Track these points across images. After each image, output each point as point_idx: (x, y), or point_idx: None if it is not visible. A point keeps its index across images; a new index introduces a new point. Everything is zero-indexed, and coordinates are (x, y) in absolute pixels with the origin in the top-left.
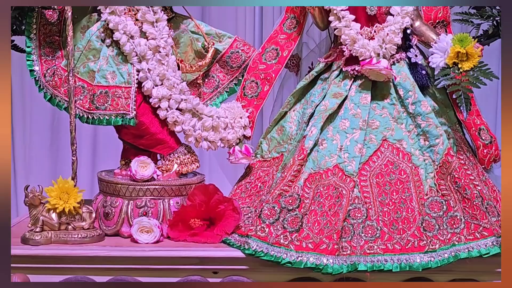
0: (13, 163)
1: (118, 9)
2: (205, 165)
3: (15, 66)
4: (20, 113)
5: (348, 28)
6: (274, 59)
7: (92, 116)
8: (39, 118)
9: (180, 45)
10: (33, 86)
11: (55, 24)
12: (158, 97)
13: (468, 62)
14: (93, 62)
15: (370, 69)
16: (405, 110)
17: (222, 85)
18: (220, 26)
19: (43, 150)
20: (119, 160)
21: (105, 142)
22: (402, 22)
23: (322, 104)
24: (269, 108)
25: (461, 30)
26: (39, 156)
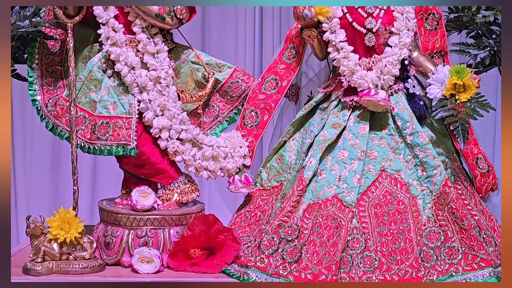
0: (14, 189)
1: (119, 41)
2: (205, 194)
3: (16, 93)
4: (21, 140)
5: (346, 59)
6: (274, 89)
7: (93, 146)
8: (39, 144)
9: (180, 75)
10: (34, 114)
11: (57, 54)
12: (159, 128)
13: (465, 94)
14: (94, 92)
15: (368, 100)
16: (403, 141)
17: (222, 115)
18: (220, 54)
19: (44, 176)
20: (120, 189)
21: (105, 168)
22: (400, 53)
23: (321, 134)
24: (269, 136)
25: (458, 60)
26: (40, 182)
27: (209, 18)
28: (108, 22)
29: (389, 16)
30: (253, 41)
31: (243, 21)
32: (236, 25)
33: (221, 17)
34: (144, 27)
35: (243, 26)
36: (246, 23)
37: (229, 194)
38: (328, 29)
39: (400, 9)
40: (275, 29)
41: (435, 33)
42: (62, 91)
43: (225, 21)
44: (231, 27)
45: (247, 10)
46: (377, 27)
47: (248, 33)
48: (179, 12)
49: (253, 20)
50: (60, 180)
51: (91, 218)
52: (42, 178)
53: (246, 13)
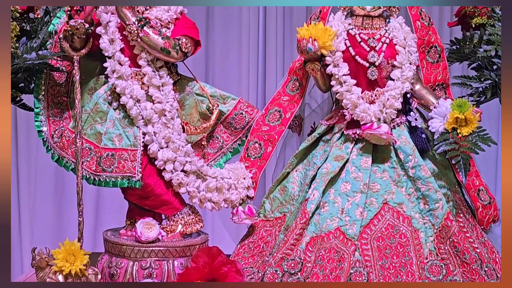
0: (18, 218)
1: (125, 74)
2: (208, 224)
3: (21, 122)
4: (25, 170)
5: (349, 92)
6: (277, 121)
7: (98, 178)
8: (43, 173)
9: (185, 107)
10: (39, 144)
11: (63, 85)
12: (164, 160)
13: (467, 128)
14: (100, 124)
15: (371, 133)
16: (405, 174)
17: (226, 146)
18: (223, 87)
19: (47, 205)
20: (122, 218)
21: (108, 197)
22: (402, 87)
23: (324, 166)
24: (272, 167)
25: (460, 92)
26: (44, 211)
27: (213, 39)
28: (114, 55)
29: (392, 50)
30: (256, 73)
31: (247, 41)
32: (240, 47)
33: (225, 43)
34: (149, 60)
35: (246, 49)
36: (249, 43)
37: (233, 224)
38: (331, 62)
39: (402, 43)
40: (278, 52)
41: (437, 65)
42: (68, 122)
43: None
44: (235, 49)
45: (251, 32)
46: (380, 60)
47: (252, 70)
48: (184, 46)
49: (257, 40)
50: (63, 207)
51: (94, 246)
52: (46, 207)
53: (250, 34)
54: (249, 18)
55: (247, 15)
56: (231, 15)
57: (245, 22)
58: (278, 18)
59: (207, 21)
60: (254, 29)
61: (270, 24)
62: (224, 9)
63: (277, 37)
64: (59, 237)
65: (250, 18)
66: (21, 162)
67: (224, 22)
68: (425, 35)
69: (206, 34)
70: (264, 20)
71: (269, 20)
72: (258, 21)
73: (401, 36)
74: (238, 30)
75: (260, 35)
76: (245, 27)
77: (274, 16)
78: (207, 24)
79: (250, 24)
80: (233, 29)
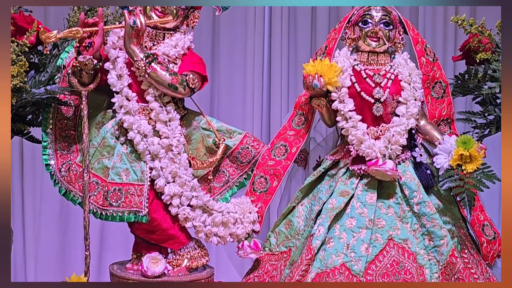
0: (23, 250)
1: (132, 109)
2: (213, 257)
3: (27, 153)
4: (31, 204)
5: (355, 128)
6: (283, 155)
7: (105, 213)
8: (49, 204)
9: (192, 141)
10: (44, 176)
11: (70, 119)
12: (170, 195)
13: (472, 164)
14: (107, 158)
15: (376, 170)
16: (410, 209)
17: (232, 180)
18: (228, 120)
19: (52, 236)
20: (126, 250)
21: (113, 229)
22: (407, 123)
23: (329, 202)
24: (277, 200)
25: (464, 127)
26: (48, 243)
27: (219, 67)
28: (122, 90)
29: (397, 86)
30: (260, 107)
31: (251, 69)
32: (244, 78)
33: (229, 72)
34: (156, 96)
35: (251, 78)
36: (254, 72)
37: (238, 258)
38: (337, 98)
39: (407, 79)
40: (283, 84)
41: (442, 101)
42: (76, 156)
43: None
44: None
45: (255, 61)
46: (385, 97)
47: (256, 102)
48: (191, 81)
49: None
50: (68, 238)
51: (98, 277)
52: (50, 238)
53: (255, 61)
54: (254, 45)
55: (252, 42)
56: (236, 42)
57: (250, 50)
58: (283, 46)
59: (212, 48)
60: (258, 56)
61: (275, 61)
62: (230, 34)
63: (281, 68)
64: (64, 269)
65: (255, 45)
66: (27, 194)
67: (229, 49)
68: (430, 71)
69: (212, 65)
70: (269, 50)
71: (274, 47)
72: (263, 49)
73: (406, 72)
74: (243, 59)
75: (264, 66)
76: (250, 56)
77: (279, 44)
78: (212, 52)
79: (255, 53)
80: (238, 56)
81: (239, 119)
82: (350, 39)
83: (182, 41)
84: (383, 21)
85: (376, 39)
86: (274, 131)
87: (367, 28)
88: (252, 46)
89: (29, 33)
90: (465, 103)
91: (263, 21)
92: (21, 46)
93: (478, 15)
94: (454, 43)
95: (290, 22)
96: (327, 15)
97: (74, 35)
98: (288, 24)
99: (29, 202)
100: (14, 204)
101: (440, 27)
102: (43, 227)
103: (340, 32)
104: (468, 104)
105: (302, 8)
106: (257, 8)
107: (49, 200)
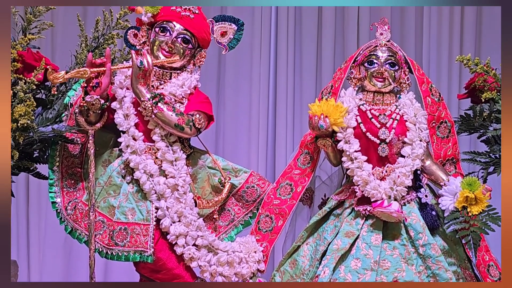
0: None
1: (139, 149)
2: None
3: (33, 190)
4: (36, 236)
5: (360, 169)
6: (288, 195)
7: (111, 252)
8: (52, 241)
9: (197, 180)
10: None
11: (77, 156)
12: (176, 234)
13: (477, 206)
14: (113, 197)
15: (381, 211)
16: (416, 251)
17: (238, 218)
18: (233, 157)
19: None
20: None
21: (117, 266)
22: (412, 164)
23: (334, 243)
24: (282, 239)
25: (468, 166)
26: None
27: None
28: (129, 130)
29: (402, 127)
30: (266, 144)
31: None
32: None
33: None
34: (163, 135)
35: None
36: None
37: None
38: (342, 138)
39: (412, 120)
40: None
41: (447, 140)
42: (82, 194)
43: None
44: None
45: (261, 99)
46: (390, 137)
47: (261, 140)
48: (198, 122)
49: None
50: (72, 274)
51: None
52: (54, 276)
53: (260, 99)
54: (259, 83)
55: (257, 80)
56: (240, 81)
57: (255, 88)
58: (288, 85)
59: (218, 86)
60: (264, 95)
61: (281, 101)
62: (235, 73)
63: (287, 104)
64: None
65: (260, 84)
66: (32, 231)
67: (235, 88)
68: (435, 111)
69: (217, 103)
70: (274, 89)
71: (280, 87)
72: (268, 87)
73: (412, 113)
74: (248, 98)
75: (270, 104)
76: (255, 94)
77: (284, 84)
78: (218, 90)
79: (260, 92)
80: (243, 94)
81: (244, 156)
82: (356, 79)
83: (189, 81)
84: (389, 61)
85: (381, 79)
86: (279, 168)
87: (373, 68)
88: (258, 85)
89: (37, 71)
90: (470, 141)
91: (269, 59)
92: (28, 84)
93: (483, 54)
94: (458, 81)
95: (295, 61)
96: (332, 53)
97: (81, 75)
98: (294, 63)
99: (35, 234)
100: (19, 236)
101: (444, 65)
102: (47, 261)
103: (346, 71)
104: (473, 141)
105: (307, 46)
106: (263, 44)
107: (54, 234)
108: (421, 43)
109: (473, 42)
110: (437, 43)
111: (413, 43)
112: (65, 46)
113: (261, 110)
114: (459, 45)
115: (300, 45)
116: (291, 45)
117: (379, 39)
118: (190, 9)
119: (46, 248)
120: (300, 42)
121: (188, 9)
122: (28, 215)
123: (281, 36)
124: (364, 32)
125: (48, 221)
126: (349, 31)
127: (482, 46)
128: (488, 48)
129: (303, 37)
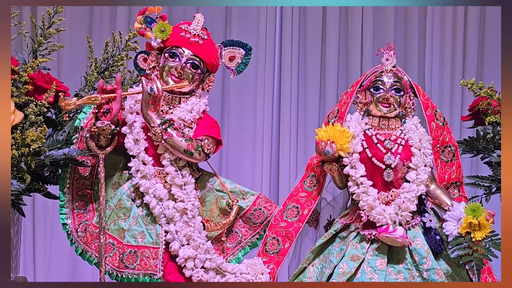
0: None
1: (148, 174)
2: None
3: (39, 208)
4: (42, 253)
5: (366, 194)
6: (295, 217)
7: (121, 274)
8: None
9: (206, 203)
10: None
11: (87, 178)
12: (185, 257)
13: (480, 232)
14: (123, 220)
15: (386, 237)
16: (420, 275)
17: (245, 240)
18: (238, 179)
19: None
20: None
21: None
22: (417, 189)
23: (340, 266)
24: (288, 260)
25: (470, 189)
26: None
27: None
28: (139, 155)
29: (407, 152)
30: (269, 167)
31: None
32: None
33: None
34: (172, 160)
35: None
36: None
37: None
38: (348, 163)
39: (417, 145)
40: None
41: (451, 164)
42: (92, 216)
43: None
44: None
45: (265, 100)
46: (396, 162)
47: (265, 162)
48: (207, 147)
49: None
50: None
51: None
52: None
53: (265, 102)
54: (263, 102)
55: (262, 98)
56: (244, 102)
57: (259, 109)
58: (292, 110)
59: (222, 108)
60: (268, 116)
61: (285, 125)
62: (240, 96)
63: (291, 126)
64: None
65: (264, 102)
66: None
67: (239, 110)
68: (440, 135)
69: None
70: (278, 113)
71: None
72: (272, 109)
73: (417, 138)
74: (252, 119)
75: (274, 124)
76: (259, 115)
77: (288, 109)
78: (222, 112)
79: (264, 113)
80: (247, 115)
81: (248, 177)
82: (361, 104)
83: (198, 106)
84: (394, 87)
85: (387, 105)
86: (282, 190)
87: (379, 94)
88: (262, 107)
89: (48, 93)
90: (471, 163)
91: (273, 85)
92: (39, 106)
93: (485, 78)
94: (460, 104)
95: (300, 85)
96: (336, 75)
97: (92, 102)
98: (298, 86)
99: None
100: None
101: (447, 90)
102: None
103: (352, 96)
104: (475, 163)
105: (311, 69)
106: (267, 68)
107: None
108: (423, 43)
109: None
110: (439, 44)
111: (415, 44)
112: (71, 62)
113: (265, 130)
114: (461, 69)
115: (304, 56)
116: (295, 59)
117: (384, 65)
118: (199, 35)
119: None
120: (304, 49)
121: (197, 35)
122: (34, 234)
123: (285, 39)
124: (368, 34)
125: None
126: (353, 32)
127: (484, 70)
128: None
129: (307, 40)
